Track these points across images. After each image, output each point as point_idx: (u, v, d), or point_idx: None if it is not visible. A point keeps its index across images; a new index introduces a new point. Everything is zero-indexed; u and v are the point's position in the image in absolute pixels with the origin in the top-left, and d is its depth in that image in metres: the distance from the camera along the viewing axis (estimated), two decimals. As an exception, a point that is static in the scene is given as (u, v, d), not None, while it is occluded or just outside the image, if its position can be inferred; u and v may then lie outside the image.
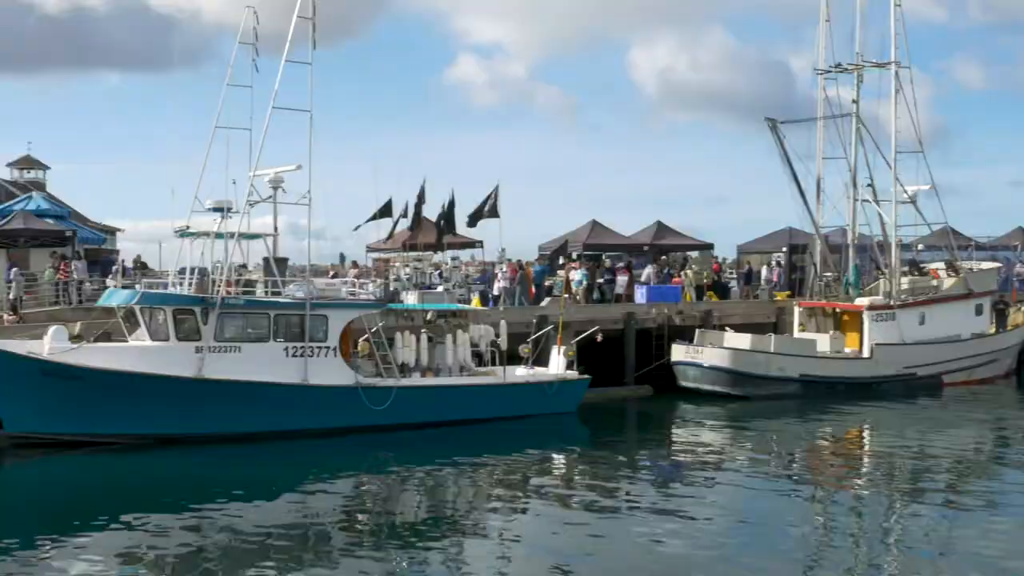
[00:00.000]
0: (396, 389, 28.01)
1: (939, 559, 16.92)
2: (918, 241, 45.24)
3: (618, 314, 37.01)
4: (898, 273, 39.34)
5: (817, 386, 35.63)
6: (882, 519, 20.19)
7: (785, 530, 18.78)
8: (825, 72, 39.98)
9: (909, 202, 39.99)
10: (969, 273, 41.06)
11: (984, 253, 51.74)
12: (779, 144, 37.40)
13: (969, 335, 39.73)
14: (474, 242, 44.43)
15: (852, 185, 39.73)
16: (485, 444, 27.26)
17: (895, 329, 37.54)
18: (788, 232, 48.21)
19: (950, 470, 24.20)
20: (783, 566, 16.56)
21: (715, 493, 22.06)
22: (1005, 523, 19.00)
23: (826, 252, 40.10)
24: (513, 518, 19.98)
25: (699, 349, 35.75)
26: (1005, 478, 23.55)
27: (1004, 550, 17.20)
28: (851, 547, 18.00)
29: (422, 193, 33.84)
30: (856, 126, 39.61)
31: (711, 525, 19.12)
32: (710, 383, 35.16)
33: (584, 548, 17.74)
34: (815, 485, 23.27)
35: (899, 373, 37.27)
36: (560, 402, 30.75)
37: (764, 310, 41.02)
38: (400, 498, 21.78)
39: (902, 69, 39.43)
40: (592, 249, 47.48)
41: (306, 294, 27.69)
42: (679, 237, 51.30)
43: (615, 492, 22.24)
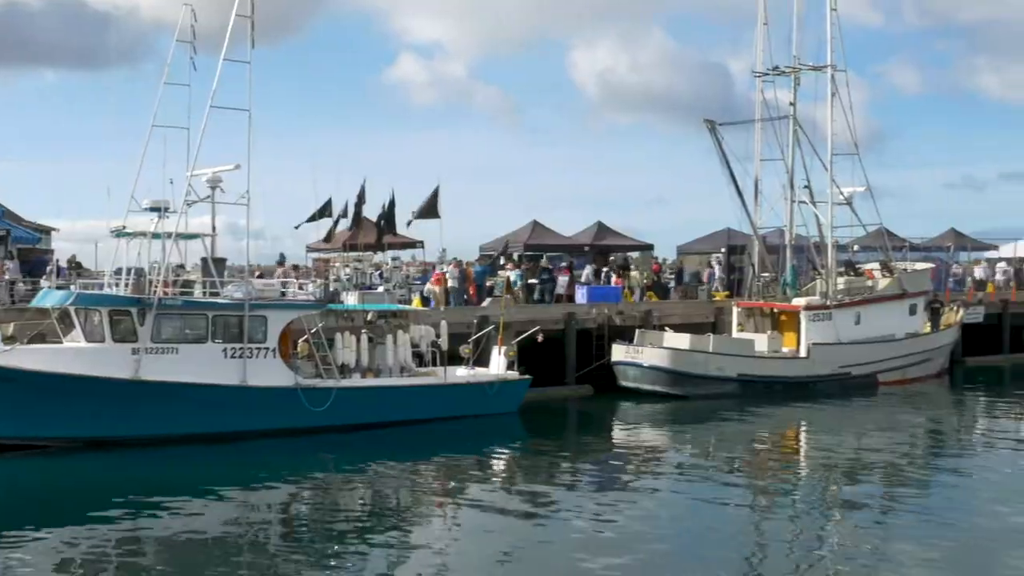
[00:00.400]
0: (336, 390, 27.87)
1: (873, 556, 17.15)
2: (854, 242, 45.85)
3: (559, 314, 37.13)
4: (834, 273, 39.85)
5: (755, 385, 36.02)
6: (819, 518, 20.45)
7: (724, 529, 18.97)
8: (763, 75, 40.39)
9: (845, 203, 40.53)
10: (903, 274, 41.69)
11: (918, 254, 52.68)
12: (718, 146, 37.72)
13: (903, 335, 40.34)
14: (415, 242, 44.34)
15: (789, 186, 40.17)
16: (426, 445, 27.22)
17: (831, 329, 38.03)
18: (727, 233, 48.76)
19: (884, 469, 24.57)
20: (721, 565, 16.70)
21: (654, 493, 22.21)
22: (937, 521, 19.31)
23: (764, 253, 40.51)
24: (454, 519, 20.00)
25: (639, 349, 35.97)
26: (937, 476, 23.94)
27: (936, 547, 17.50)
28: (788, 546, 18.21)
29: (362, 193, 33.78)
30: (793, 128, 40.06)
31: (650, 524, 19.23)
32: (650, 383, 35.38)
33: (524, 548, 17.79)
34: (753, 484, 23.50)
35: (835, 372, 37.77)
36: (501, 402, 30.78)
37: (703, 310, 41.35)
38: (340, 500, 21.67)
39: (838, 72, 39.98)
40: (533, 249, 47.60)
41: (245, 295, 27.46)
42: (619, 238, 51.61)
43: (555, 492, 22.32)
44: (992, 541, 18.01)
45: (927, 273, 43.93)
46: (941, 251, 57.13)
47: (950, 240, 59.78)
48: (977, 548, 17.57)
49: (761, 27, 40.69)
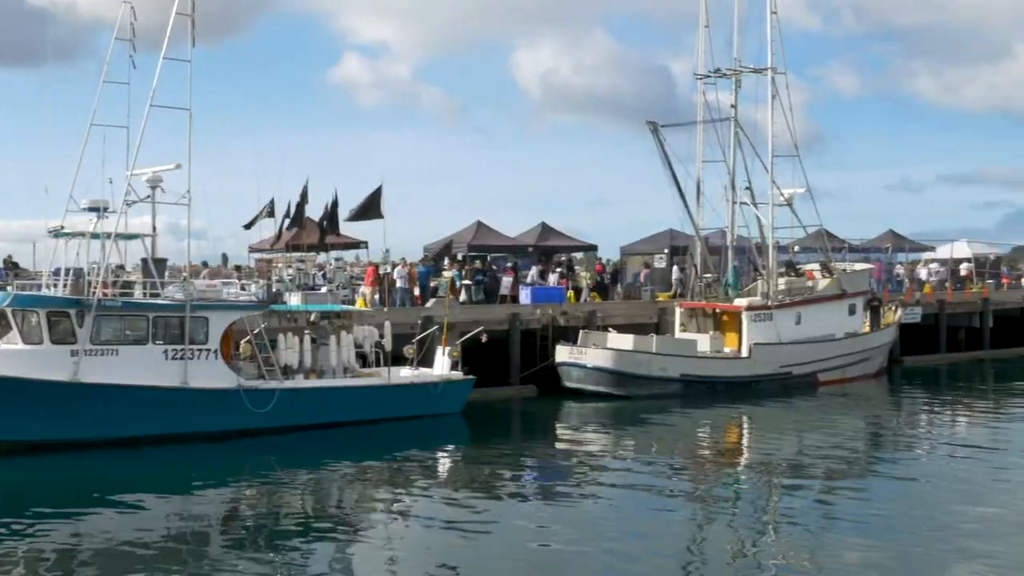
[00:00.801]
0: (279, 391, 27.71)
1: (813, 555, 17.36)
2: (794, 243, 46.38)
3: (503, 315, 37.16)
4: (775, 274, 40.23)
5: (698, 385, 36.29)
6: (760, 517, 20.64)
7: (666, 529, 19.10)
8: (704, 77, 40.72)
9: (785, 205, 40.93)
10: (842, 274, 42.20)
11: (857, 255, 53.43)
12: (660, 147, 37.97)
13: (843, 334, 40.84)
14: (358, 243, 44.15)
15: (731, 188, 40.54)
16: (370, 446, 27.15)
17: (772, 329, 38.41)
18: (670, 234, 49.08)
19: (824, 468, 24.82)
20: (663, 565, 16.82)
21: (597, 493, 22.29)
22: (875, 520, 19.59)
23: (706, 254, 40.82)
24: (397, 520, 19.94)
25: (583, 350, 36.11)
26: (876, 476, 24.25)
27: (874, 546, 17.75)
28: (730, 545, 18.36)
29: (305, 193, 33.47)
30: (734, 130, 40.43)
31: (593, 524, 19.32)
32: (594, 383, 35.53)
33: (468, 549, 17.79)
34: (695, 484, 23.67)
35: (776, 372, 38.16)
36: (445, 403, 30.77)
37: (646, 311, 41.60)
38: (283, 501, 21.52)
39: (778, 75, 40.39)
40: (477, 250, 47.62)
41: (186, 295, 27.22)
42: (563, 238, 51.79)
43: (499, 493, 22.36)
44: (928, 540, 18.28)
45: (866, 273, 44.53)
46: (880, 252, 57.99)
47: (888, 241, 60.69)
48: (914, 547, 17.83)
49: (703, 30, 41.06)
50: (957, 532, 18.43)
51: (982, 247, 66.14)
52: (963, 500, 20.81)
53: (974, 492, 21.58)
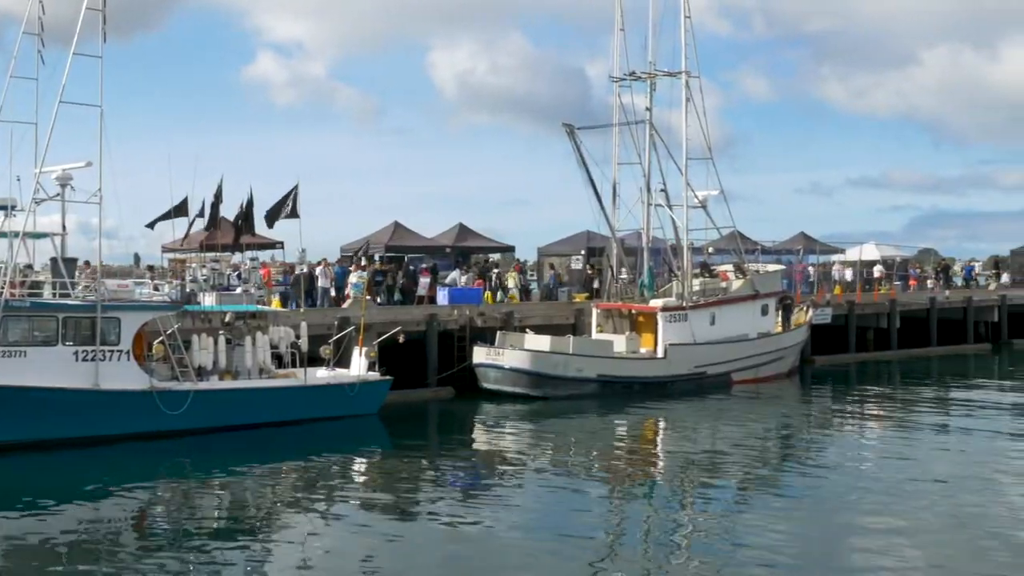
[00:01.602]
0: (193, 393, 27.36)
1: (730, 549, 17.62)
2: (709, 244, 46.93)
3: (420, 316, 37.08)
4: (690, 275, 40.70)
5: (614, 386, 36.57)
6: (676, 514, 20.87)
7: (582, 529, 19.19)
8: (620, 80, 41.08)
9: (700, 207, 41.46)
10: (755, 275, 42.82)
11: (769, 256, 54.28)
12: (576, 149, 38.20)
13: (756, 335, 41.45)
14: (274, 243, 43.78)
15: (646, 190, 40.94)
16: (285, 447, 26.90)
17: (687, 329, 38.85)
18: (586, 235, 49.40)
19: (738, 467, 25.19)
20: (579, 564, 16.92)
21: (514, 493, 22.39)
22: (788, 515, 19.96)
23: (622, 255, 41.17)
24: (313, 522, 19.80)
25: (500, 351, 36.18)
26: (787, 474, 24.63)
27: (788, 540, 18.08)
28: (647, 543, 18.57)
29: (219, 192, 33.03)
30: (649, 133, 40.85)
31: (510, 525, 19.40)
32: (511, 384, 35.60)
33: (385, 550, 17.76)
34: (612, 484, 23.87)
35: (691, 372, 38.61)
36: (362, 404, 30.60)
37: (563, 312, 41.81)
38: (197, 505, 21.25)
39: (692, 79, 40.92)
40: (394, 250, 47.49)
41: (97, 296, 26.73)
42: (481, 239, 51.86)
43: (416, 494, 22.33)
44: (837, 537, 18.68)
45: (778, 275, 45.25)
46: (791, 254, 59.01)
47: (800, 243, 61.81)
48: (823, 543, 18.20)
49: (618, 33, 41.44)
50: (863, 528, 18.84)
51: (890, 250, 67.76)
52: (870, 498, 21.23)
53: (880, 489, 22.02)
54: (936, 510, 20.10)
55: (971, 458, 25.65)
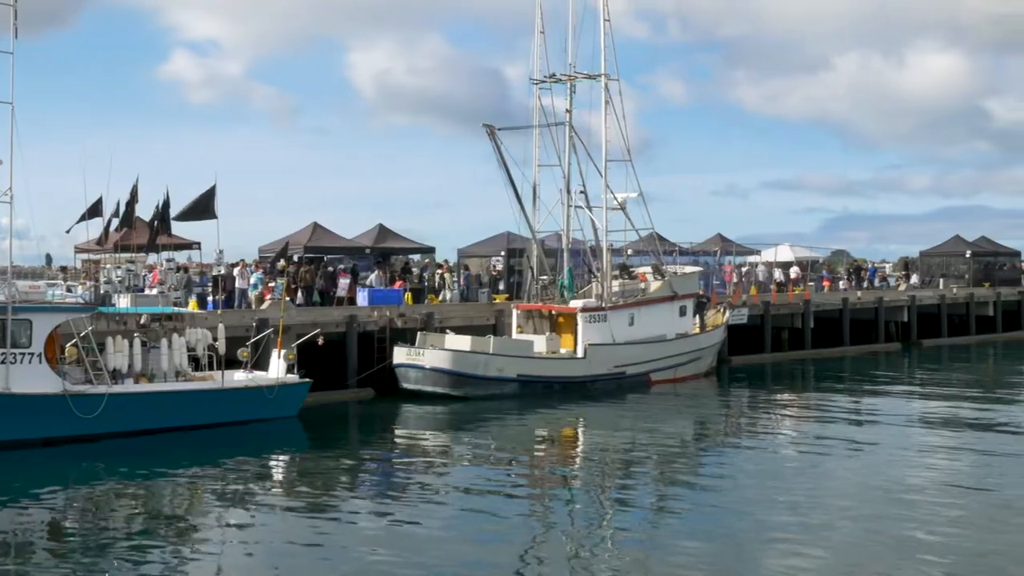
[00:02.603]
0: (107, 396, 26.93)
1: (648, 548, 17.82)
2: (627, 246, 47.34)
3: (340, 317, 36.89)
4: (609, 276, 41.03)
5: (534, 385, 36.76)
6: (594, 515, 21.03)
7: (502, 530, 19.29)
8: (540, 82, 41.25)
9: (619, 209, 41.78)
10: (673, 276, 43.31)
11: (687, 258, 54.91)
12: (497, 150, 38.30)
13: (674, 335, 41.92)
14: (191, 243, 43.20)
15: (566, 191, 41.17)
16: (203, 451, 26.55)
17: (606, 330, 39.16)
18: (507, 236, 49.53)
19: (657, 466, 25.47)
20: (500, 564, 16.99)
21: (435, 494, 22.37)
22: (705, 515, 20.24)
23: (542, 256, 41.37)
24: (230, 527, 19.61)
25: (420, 351, 36.13)
26: (705, 473, 24.94)
27: (704, 539, 18.33)
28: (566, 541, 18.70)
29: (134, 192, 32.53)
30: (569, 135, 41.09)
31: (430, 525, 19.38)
32: (431, 384, 35.59)
33: (304, 554, 17.67)
34: (531, 483, 24.00)
35: (610, 372, 38.94)
36: (280, 406, 30.36)
37: (484, 312, 41.89)
38: (112, 510, 20.91)
39: (611, 81, 41.25)
40: (313, 251, 47.10)
41: (7, 297, 26.18)
42: (401, 240, 51.70)
43: (336, 496, 22.24)
44: (752, 534, 18.98)
45: (695, 276, 45.81)
46: (709, 255, 59.82)
47: (717, 245, 62.68)
48: (738, 541, 18.48)
49: (538, 35, 41.58)
50: (776, 528, 19.17)
51: (804, 251, 69.03)
52: (783, 497, 21.60)
53: (794, 489, 22.42)
54: (846, 509, 20.48)
55: (881, 458, 26.20)
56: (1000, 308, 64.43)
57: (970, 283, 68.12)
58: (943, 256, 73.04)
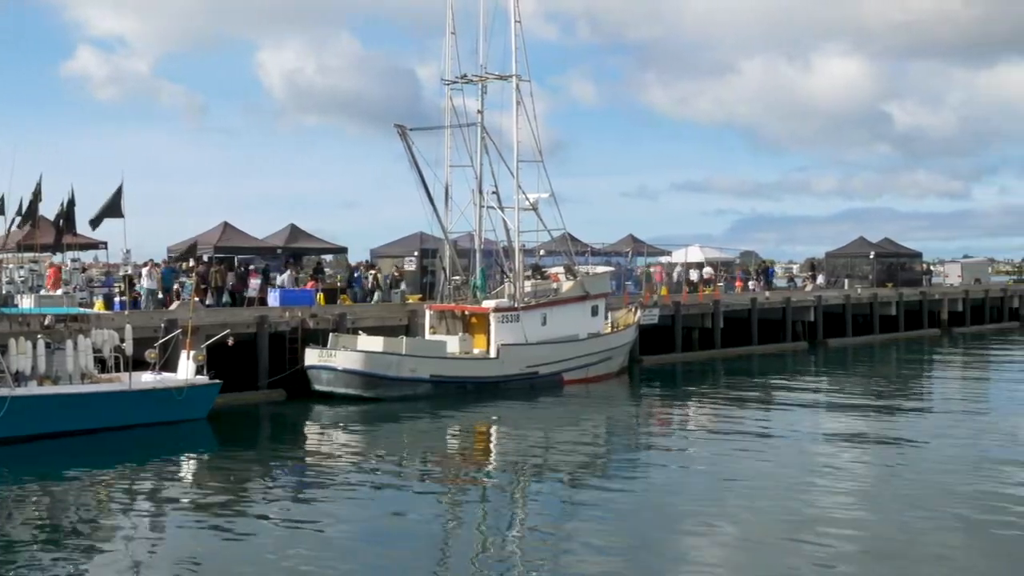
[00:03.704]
0: (10, 399, 26.31)
1: (559, 549, 17.94)
2: (540, 246, 47.57)
3: (250, 318, 36.50)
4: (521, 277, 41.19)
5: (447, 386, 36.76)
6: (507, 515, 21.10)
7: (416, 529, 19.29)
8: (451, 82, 41.28)
9: (531, 209, 41.96)
10: (585, 277, 43.62)
11: (599, 258, 55.33)
12: (408, 150, 38.25)
13: (586, 335, 42.22)
14: (97, 243, 42.36)
15: (478, 192, 41.24)
16: (110, 455, 26.10)
17: (519, 330, 39.30)
18: (419, 236, 49.47)
19: (569, 465, 25.58)
20: (411, 566, 16.97)
21: (347, 496, 22.26)
22: (616, 514, 20.44)
23: (455, 257, 41.39)
24: (138, 531, 19.30)
25: (332, 352, 35.90)
26: (616, 471, 25.15)
27: (616, 534, 18.53)
28: (478, 542, 18.73)
29: (38, 190, 31.79)
30: (481, 135, 41.16)
31: (342, 528, 19.31)
32: (343, 386, 35.39)
33: (213, 557, 17.48)
34: (445, 483, 24.00)
35: (523, 372, 39.08)
36: (190, 408, 29.97)
37: (396, 313, 41.77)
38: (15, 514, 20.44)
39: (523, 82, 41.36)
40: (223, 251, 46.52)
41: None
42: (313, 240, 51.31)
43: (246, 499, 22.02)
44: (660, 532, 19.24)
45: (607, 276, 46.21)
46: (620, 256, 60.35)
47: (628, 246, 63.24)
48: (647, 539, 18.71)
49: (449, 36, 41.62)
50: (685, 527, 19.44)
51: (713, 252, 70.06)
52: (693, 496, 21.89)
53: (703, 488, 22.76)
54: (752, 506, 20.81)
55: (788, 455, 26.68)
56: (902, 308, 66.12)
57: (874, 283, 69.83)
58: (848, 257, 74.69)
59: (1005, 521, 19.08)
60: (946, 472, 23.43)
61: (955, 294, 72.54)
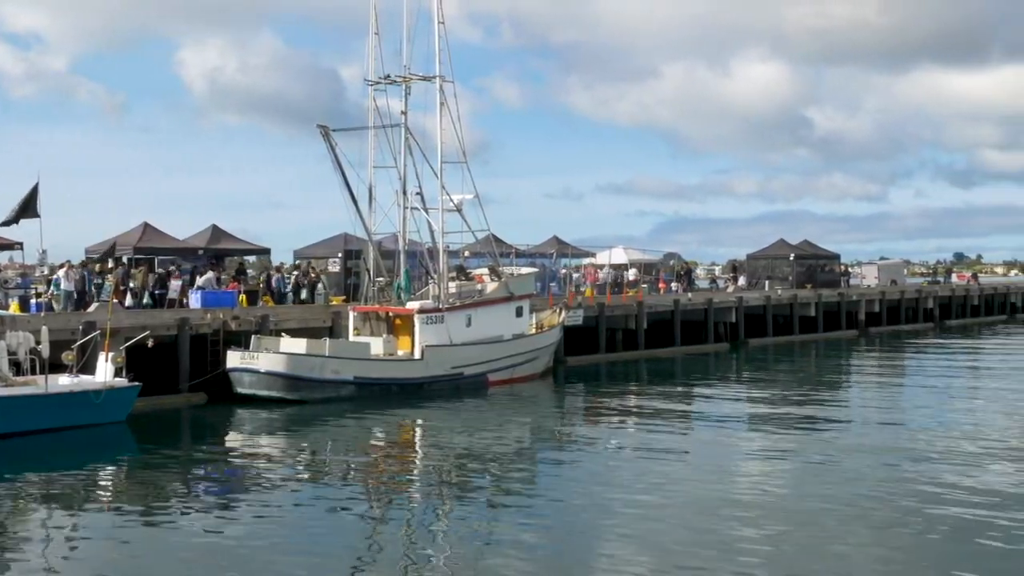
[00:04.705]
0: (-80, 404, 25.69)
1: (484, 549, 17.96)
2: (464, 248, 47.60)
3: (171, 320, 36.00)
4: (446, 278, 41.18)
5: (372, 388, 36.60)
6: (432, 517, 21.04)
7: (338, 534, 19.15)
8: (375, 83, 41.13)
9: (455, 211, 41.96)
10: (510, 278, 43.75)
11: (524, 260, 55.59)
12: (331, 151, 37.99)
13: (511, 336, 42.32)
14: (12, 244, 41.56)
15: (402, 193, 41.14)
16: (25, 459, 25.61)
17: (443, 331, 39.27)
18: (344, 238, 49.26)
19: (495, 466, 25.61)
20: (333, 571, 16.87)
21: (269, 501, 22.05)
22: (540, 510, 20.52)
23: (379, 258, 41.24)
24: (56, 538, 18.92)
25: (255, 355, 35.52)
26: (542, 471, 25.25)
27: (540, 536, 18.59)
28: (402, 546, 18.67)
29: (-50, 190, 31.20)
30: (405, 136, 41.04)
31: (264, 534, 19.13)
32: (266, 388, 35.06)
33: (129, 564, 17.22)
34: (369, 486, 23.85)
35: (448, 373, 39.05)
36: (108, 412, 29.49)
37: (320, 315, 41.50)
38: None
39: (446, 83, 41.34)
40: (144, 252, 45.93)
41: None
42: (235, 241, 50.86)
43: (165, 505, 21.71)
44: (586, 533, 19.36)
45: (531, 277, 46.38)
46: (545, 257, 60.64)
47: (553, 247, 63.63)
48: (572, 540, 18.80)
49: (372, 36, 41.48)
50: (608, 525, 19.58)
51: (637, 253, 70.75)
52: (615, 494, 22.01)
53: (625, 485, 22.85)
54: (673, 507, 21.02)
55: (709, 454, 26.98)
56: (821, 309, 67.28)
57: (793, 285, 70.96)
58: (768, 259, 75.83)
59: (912, 522, 19.42)
60: (856, 478, 23.77)
61: (872, 295, 73.99)
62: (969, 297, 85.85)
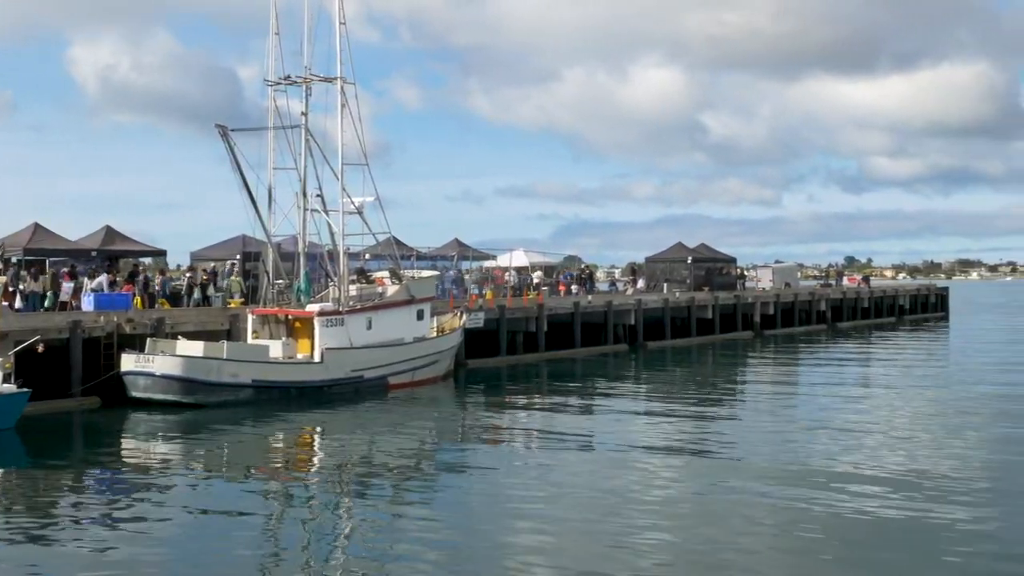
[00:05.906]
0: None
1: (386, 550, 17.91)
2: (365, 250, 47.37)
3: (63, 323, 35.16)
4: (346, 280, 40.94)
5: (271, 391, 36.22)
6: (334, 520, 20.91)
7: (235, 541, 18.86)
8: (275, 83, 40.71)
9: (356, 213, 41.74)
10: (411, 280, 43.67)
11: (425, 262, 55.58)
12: (230, 151, 37.50)
13: (411, 339, 42.23)
14: None
15: (302, 195, 40.78)
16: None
17: (344, 334, 39.02)
18: (242, 239, 48.63)
19: (395, 470, 25.48)
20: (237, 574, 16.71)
21: (164, 506, 21.67)
22: (441, 511, 20.55)
23: (278, 260, 40.82)
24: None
25: (150, 358, 34.88)
26: (443, 474, 25.23)
27: (440, 539, 18.61)
28: (303, 550, 18.50)
29: None
30: (305, 138, 40.70)
31: (157, 543, 18.80)
32: (162, 392, 34.45)
33: (25, 570, 16.81)
34: (268, 491, 23.58)
35: (348, 376, 38.82)
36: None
37: (218, 317, 40.91)
38: None
39: (347, 85, 41.12)
40: (34, 254, 44.75)
41: None
42: (130, 243, 49.84)
43: (57, 514, 21.19)
44: (485, 536, 19.42)
45: (433, 280, 46.37)
46: (446, 260, 60.64)
47: (454, 249, 63.62)
48: (471, 543, 18.84)
49: (273, 36, 41.04)
50: (510, 527, 19.69)
51: (537, 256, 71.15)
52: (518, 496, 22.13)
53: (527, 488, 22.98)
54: (575, 508, 21.22)
55: (609, 455, 27.23)
56: (718, 311, 68.50)
57: (691, 288, 72.04)
58: (667, 262, 76.88)
59: (807, 527, 19.88)
60: (755, 477, 24.25)
61: (767, 298, 75.50)
62: (860, 300, 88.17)
